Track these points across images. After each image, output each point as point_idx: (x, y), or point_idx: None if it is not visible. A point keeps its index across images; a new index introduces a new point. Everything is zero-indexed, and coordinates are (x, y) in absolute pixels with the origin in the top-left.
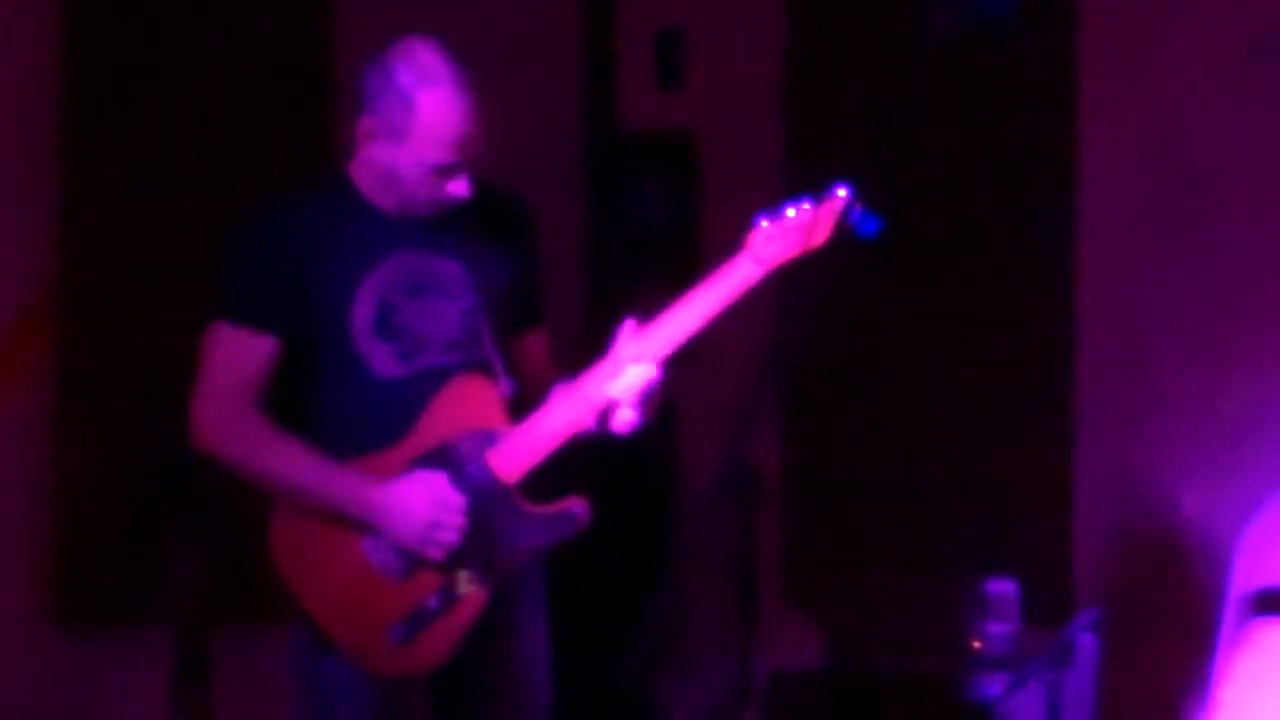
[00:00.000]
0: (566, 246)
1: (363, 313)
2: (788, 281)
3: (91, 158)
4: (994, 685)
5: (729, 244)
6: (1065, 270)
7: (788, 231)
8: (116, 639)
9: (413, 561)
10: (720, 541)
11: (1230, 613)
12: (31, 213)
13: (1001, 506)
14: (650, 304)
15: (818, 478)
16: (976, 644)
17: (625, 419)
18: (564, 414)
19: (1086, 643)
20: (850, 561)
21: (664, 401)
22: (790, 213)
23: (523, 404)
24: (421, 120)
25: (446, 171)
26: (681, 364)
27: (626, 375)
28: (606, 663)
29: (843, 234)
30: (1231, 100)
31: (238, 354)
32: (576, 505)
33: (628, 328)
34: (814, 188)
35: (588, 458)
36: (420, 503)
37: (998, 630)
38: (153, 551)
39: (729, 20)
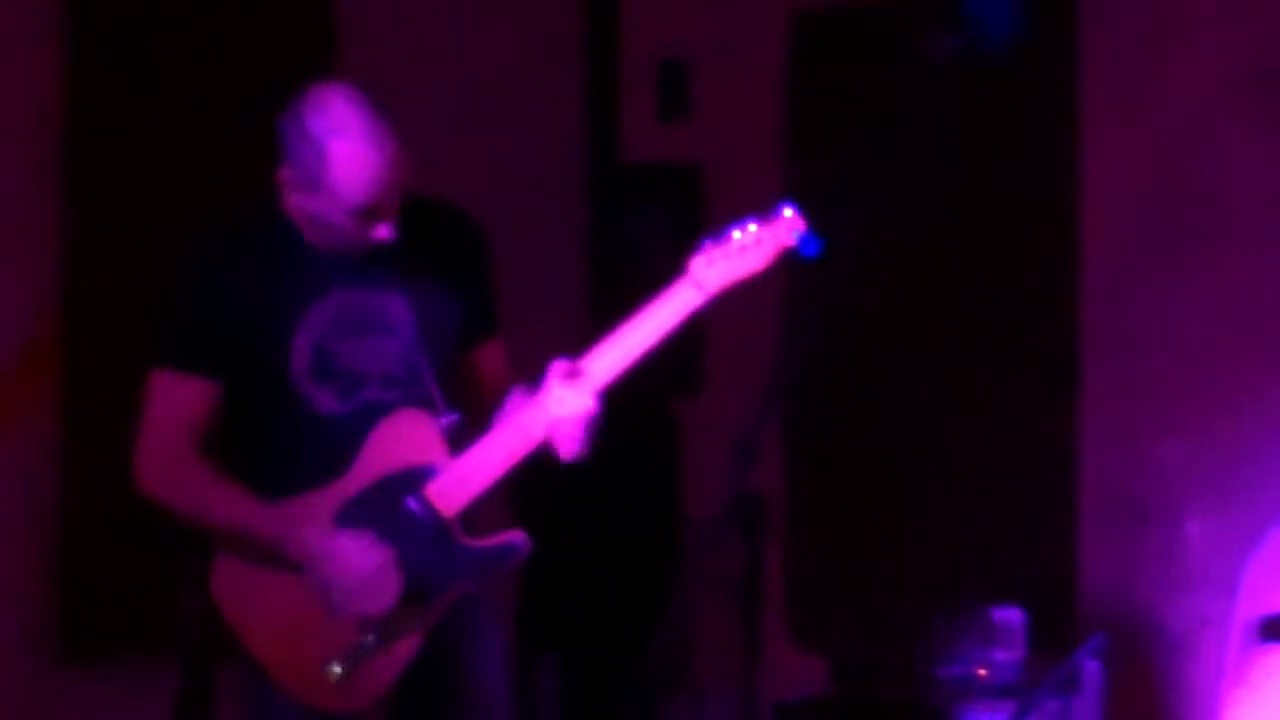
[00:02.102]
0: (569, 277)
1: (300, 354)
2: (790, 311)
3: (95, 190)
4: (1000, 713)
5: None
6: (1068, 296)
7: (731, 255)
8: (120, 669)
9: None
10: (724, 571)
11: (1236, 639)
12: (34, 244)
13: (1006, 534)
14: None
15: (821, 507)
16: (982, 672)
17: (565, 449)
18: (503, 446)
19: (1092, 669)
20: (854, 590)
21: (602, 430)
22: (736, 234)
23: (479, 420)
24: (335, 170)
25: (368, 215)
26: (684, 394)
27: (564, 406)
28: (611, 692)
29: (787, 256)
30: (1233, 125)
31: (176, 399)
32: (516, 537)
33: (559, 364)
34: (815, 216)
35: (592, 488)
36: (354, 564)
37: (1004, 658)
38: (157, 582)
39: (732, 52)
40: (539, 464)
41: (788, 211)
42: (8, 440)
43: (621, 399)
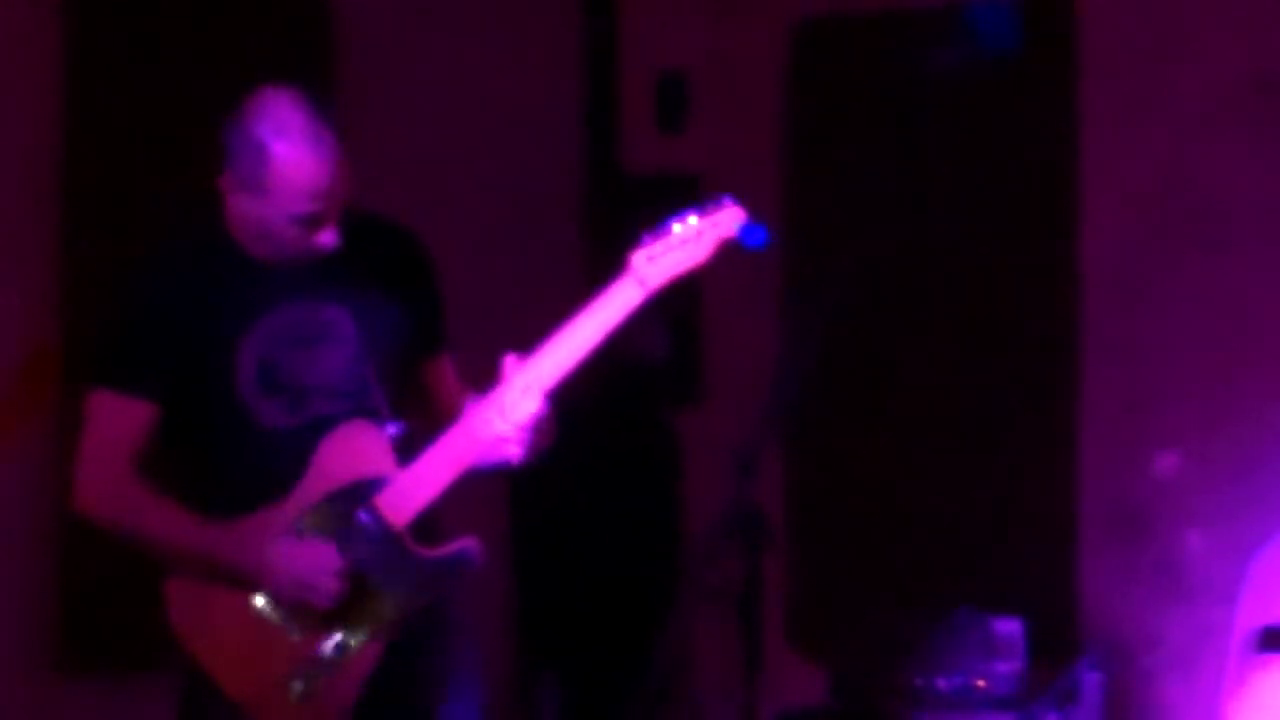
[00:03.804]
0: (568, 290)
1: (245, 369)
2: (790, 324)
3: (95, 201)
4: None
5: (730, 283)
6: (1069, 309)
7: (672, 249)
8: (120, 682)
9: (302, 615)
10: (724, 583)
11: (1235, 650)
12: (34, 257)
13: (1006, 546)
14: (652, 346)
15: (821, 518)
16: (981, 683)
17: (514, 452)
18: (451, 454)
19: (1091, 681)
20: (854, 602)
21: (552, 433)
22: (676, 228)
23: (433, 430)
24: (277, 172)
25: (310, 222)
26: (685, 405)
27: (512, 409)
28: (612, 704)
29: (729, 247)
30: (1234, 136)
31: (114, 420)
32: (469, 545)
33: (509, 362)
34: (808, 223)
35: (592, 500)
36: (290, 564)
37: (1003, 669)
38: (155, 596)
39: (731, 63)
40: (537, 475)
41: (728, 203)
42: (7, 451)
43: (622, 410)
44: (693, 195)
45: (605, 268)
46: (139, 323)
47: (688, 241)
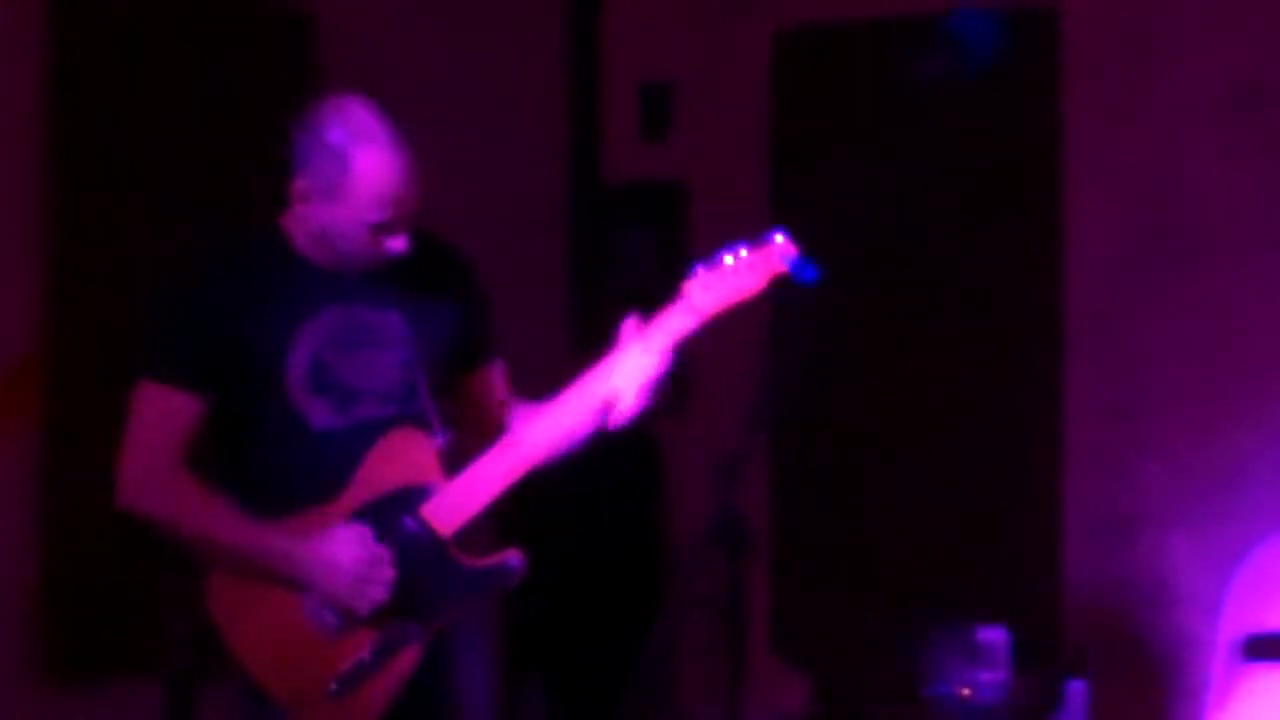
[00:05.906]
0: (552, 299)
1: (297, 368)
2: (776, 333)
3: (80, 208)
4: None
5: None
6: (1053, 318)
7: (723, 279)
8: (105, 690)
9: (348, 616)
10: (709, 591)
11: (1220, 658)
12: (19, 264)
13: (991, 554)
14: None
15: (806, 526)
16: (966, 691)
17: (626, 408)
18: (498, 466)
19: (1076, 689)
20: (839, 609)
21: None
22: (727, 259)
23: (482, 437)
24: (357, 178)
25: (385, 229)
26: (669, 414)
27: (635, 367)
28: (597, 712)
29: (780, 281)
30: (1217, 148)
31: (163, 413)
32: (513, 557)
33: (629, 325)
34: (792, 232)
35: (578, 508)
36: (347, 558)
37: (988, 678)
38: (142, 603)
39: (714, 73)
40: (524, 484)
41: (779, 238)
42: None
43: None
44: (676, 204)
45: (590, 276)
46: (189, 316)
47: (740, 272)
